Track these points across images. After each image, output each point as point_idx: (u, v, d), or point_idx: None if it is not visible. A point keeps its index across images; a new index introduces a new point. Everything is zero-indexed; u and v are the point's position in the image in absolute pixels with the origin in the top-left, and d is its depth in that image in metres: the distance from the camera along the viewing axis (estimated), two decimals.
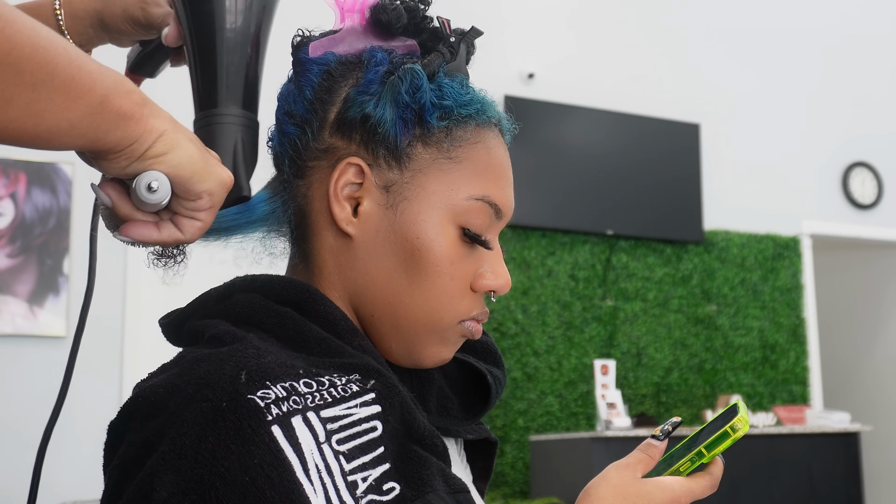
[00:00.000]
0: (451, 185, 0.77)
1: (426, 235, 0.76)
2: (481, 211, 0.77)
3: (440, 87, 0.77)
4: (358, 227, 0.77)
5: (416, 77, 0.75)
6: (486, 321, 0.81)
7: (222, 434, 0.62)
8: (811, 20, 6.23)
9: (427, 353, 0.79)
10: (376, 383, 0.69)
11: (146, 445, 0.64)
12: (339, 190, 0.76)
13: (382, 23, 0.78)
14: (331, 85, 0.78)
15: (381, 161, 0.76)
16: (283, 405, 0.63)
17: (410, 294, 0.76)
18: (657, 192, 5.38)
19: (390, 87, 0.76)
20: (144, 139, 0.65)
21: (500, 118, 0.81)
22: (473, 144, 0.78)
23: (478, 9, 5.13)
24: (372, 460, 0.65)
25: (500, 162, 0.79)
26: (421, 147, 0.77)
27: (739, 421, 0.76)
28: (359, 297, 0.78)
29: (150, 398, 0.66)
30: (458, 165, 0.77)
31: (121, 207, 0.71)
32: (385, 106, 0.76)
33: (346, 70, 0.78)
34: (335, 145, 0.77)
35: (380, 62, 0.77)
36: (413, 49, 0.80)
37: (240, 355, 0.67)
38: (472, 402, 0.87)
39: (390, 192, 0.76)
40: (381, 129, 0.76)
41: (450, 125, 0.77)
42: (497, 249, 0.80)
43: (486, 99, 0.80)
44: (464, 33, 0.80)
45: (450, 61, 0.78)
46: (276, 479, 0.61)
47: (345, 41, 0.79)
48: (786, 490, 4.58)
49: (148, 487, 0.62)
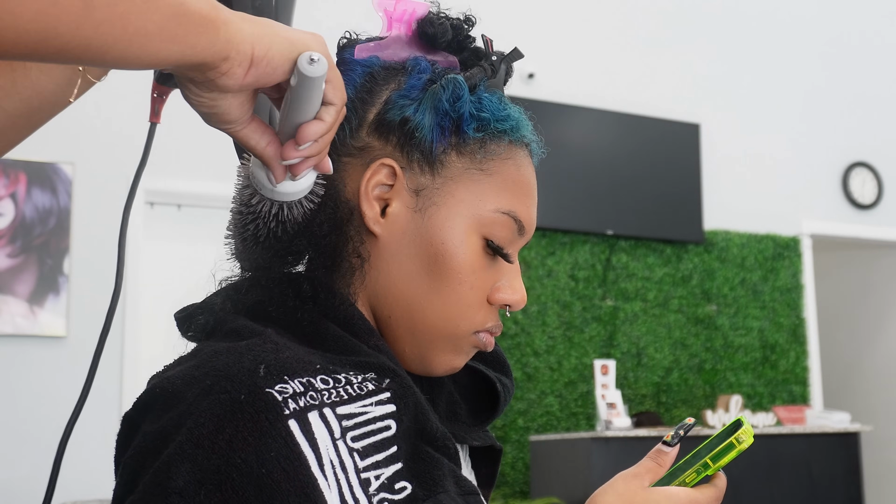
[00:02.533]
0: (479, 195, 0.78)
1: (451, 242, 0.77)
2: (506, 225, 0.79)
3: (480, 100, 0.79)
4: (385, 227, 0.78)
5: (458, 87, 0.77)
6: (499, 335, 0.83)
7: (240, 426, 0.62)
8: (811, 20, 6.23)
9: (439, 360, 0.80)
10: (391, 383, 0.70)
11: (163, 436, 0.64)
12: (370, 189, 0.78)
13: (428, 35, 0.80)
14: (373, 86, 0.79)
15: (414, 165, 0.78)
16: (301, 400, 0.64)
17: (430, 299, 0.78)
18: (657, 192, 5.38)
19: (432, 94, 0.78)
20: (241, 44, 0.62)
21: (531, 140, 0.84)
22: (505, 160, 0.80)
23: (478, 9, 5.12)
24: (385, 459, 0.65)
25: (528, 181, 0.82)
26: (455, 155, 0.78)
27: (744, 433, 0.77)
28: (378, 298, 0.79)
29: (167, 389, 0.66)
30: (489, 178, 0.79)
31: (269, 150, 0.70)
32: (425, 111, 0.77)
33: (389, 74, 0.80)
34: (371, 145, 0.79)
35: (423, 70, 0.79)
36: (454, 64, 0.82)
37: (258, 349, 0.68)
38: (480, 409, 0.88)
39: (420, 197, 0.78)
40: (419, 133, 0.77)
41: (485, 138, 0.79)
42: (516, 265, 0.82)
43: (521, 118, 0.82)
44: (505, 55, 0.82)
45: (490, 77, 0.80)
46: (291, 473, 0.61)
47: (390, 48, 0.81)
48: (786, 490, 4.58)
49: (164, 476, 0.62)
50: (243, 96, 0.68)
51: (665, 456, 0.79)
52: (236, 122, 0.69)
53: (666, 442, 0.80)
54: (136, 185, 0.82)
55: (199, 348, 0.72)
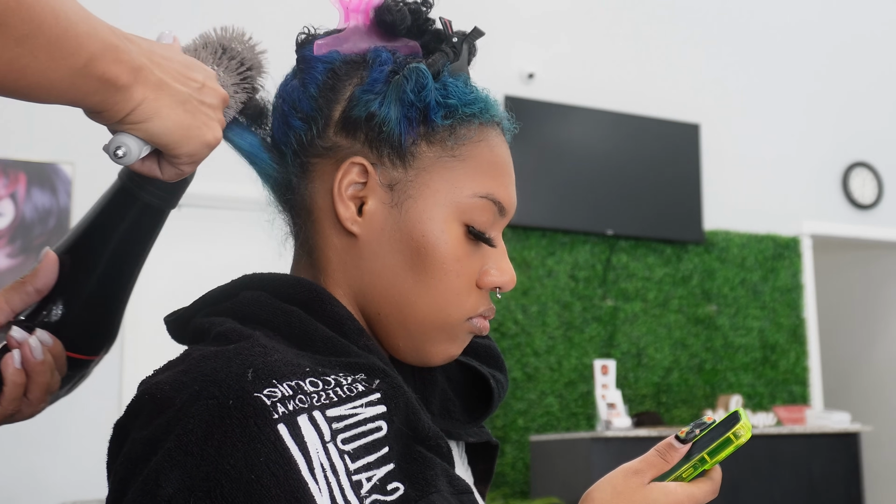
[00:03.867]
0: (455, 182, 0.77)
1: (431, 233, 0.76)
2: (485, 208, 0.78)
3: (445, 86, 0.77)
4: (363, 226, 0.77)
5: (421, 76, 0.76)
6: (492, 317, 0.82)
7: (228, 431, 0.62)
8: (811, 20, 6.22)
9: (435, 351, 0.79)
10: (382, 383, 0.69)
11: (152, 442, 0.64)
12: (343, 189, 0.77)
13: (386, 23, 0.79)
14: (335, 83, 0.78)
15: (385, 160, 0.77)
16: (290, 404, 0.64)
17: (417, 292, 0.77)
18: (657, 192, 5.38)
19: (395, 85, 0.76)
20: (121, 107, 0.65)
21: (502, 117, 0.82)
22: (477, 143, 0.78)
23: (478, 9, 5.13)
24: (376, 460, 0.65)
25: (502, 160, 0.80)
26: (425, 145, 0.77)
27: (742, 428, 0.76)
28: (365, 296, 0.78)
29: (155, 395, 0.66)
30: (462, 163, 0.78)
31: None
32: (390, 105, 0.76)
33: (351, 69, 0.78)
34: (339, 144, 0.78)
35: (385, 61, 0.78)
36: (415, 50, 0.80)
37: (246, 353, 0.67)
38: (475, 406, 0.88)
39: (395, 191, 0.77)
40: (386, 127, 0.76)
41: (454, 124, 0.77)
42: (501, 246, 0.81)
43: (489, 98, 0.81)
44: (466, 34, 0.81)
45: (453, 61, 0.79)
46: (281, 478, 0.61)
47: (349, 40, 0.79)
48: (786, 490, 4.58)
49: (153, 484, 0.62)
50: None
51: (675, 452, 0.78)
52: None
53: (679, 438, 0.78)
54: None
55: (187, 352, 0.71)
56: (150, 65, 0.65)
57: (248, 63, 0.81)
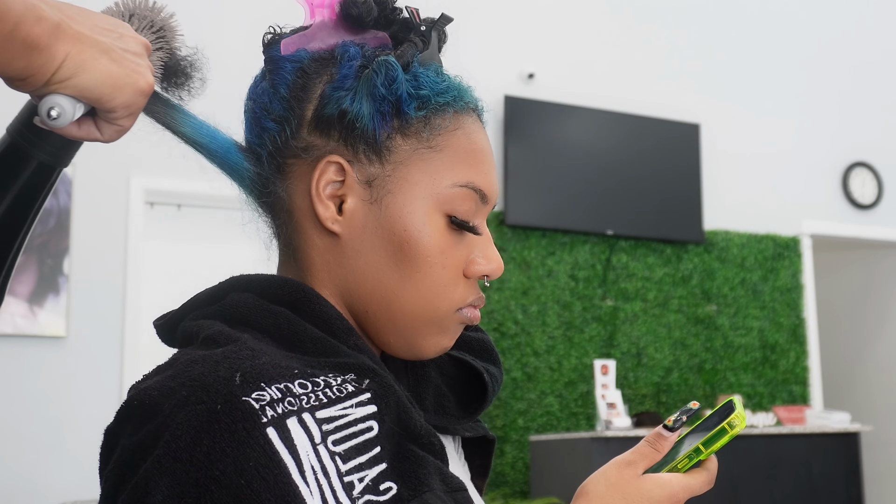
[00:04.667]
0: (433, 174, 0.76)
1: (413, 227, 0.75)
2: (466, 197, 0.77)
3: (416, 77, 0.76)
4: (344, 224, 0.76)
5: (390, 69, 0.75)
6: (482, 306, 0.81)
7: (217, 437, 0.61)
8: (812, 20, 6.22)
9: (427, 344, 0.78)
10: (372, 383, 0.69)
11: (141, 449, 0.63)
12: (321, 189, 0.76)
13: (353, 17, 0.78)
14: (305, 82, 0.77)
15: (361, 156, 0.76)
16: (279, 407, 0.63)
17: (403, 287, 0.76)
18: (657, 192, 5.38)
19: (365, 80, 0.75)
20: (46, 68, 0.62)
21: (476, 103, 0.81)
22: (453, 132, 0.78)
23: (478, 9, 5.13)
24: (368, 460, 0.65)
25: (480, 147, 0.79)
26: (400, 139, 0.76)
27: (736, 418, 0.75)
28: (351, 295, 0.77)
29: (144, 401, 0.65)
30: (439, 154, 0.77)
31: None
32: (361, 100, 0.75)
33: (320, 66, 0.77)
34: (314, 143, 0.77)
35: (353, 57, 0.76)
36: (385, 41, 0.79)
37: (234, 357, 0.66)
38: (469, 400, 0.87)
39: (373, 187, 0.76)
40: (359, 123, 0.75)
41: (428, 114, 0.76)
42: (486, 234, 0.80)
43: (462, 85, 0.80)
44: (434, 21, 0.80)
45: (423, 50, 0.78)
46: (271, 482, 0.60)
47: (316, 37, 0.78)
48: (786, 490, 4.58)
49: (143, 491, 0.61)
50: None
51: (664, 441, 0.78)
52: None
53: (667, 426, 0.78)
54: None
55: (175, 357, 0.70)
56: (66, 20, 0.63)
57: (158, 24, 0.78)
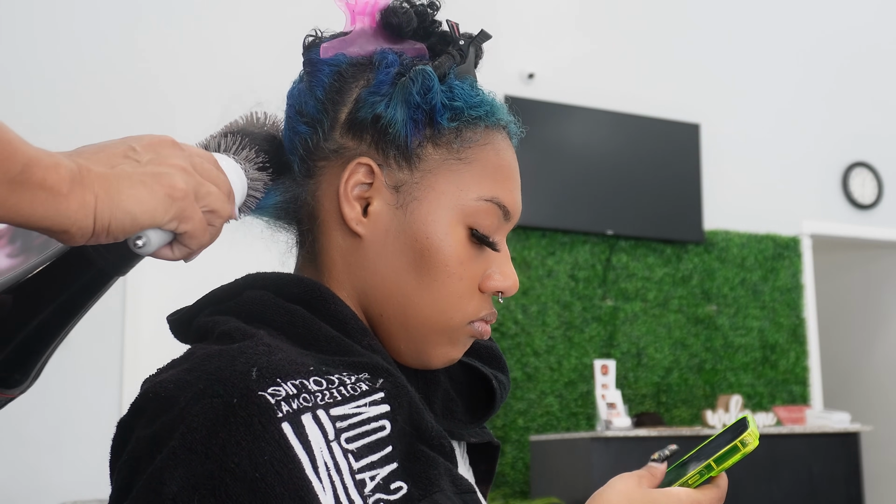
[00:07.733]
0: (460, 185, 0.77)
1: (436, 235, 0.76)
2: (490, 212, 0.78)
3: (451, 89, 0.77)
4: (368, 226, 0.77)
5: (427, 78, 0.76)
6: (494, 322, 0.82)
7: (233, 430, 0.62)
8: (811, 20, 6.23)
9: (436, 354, 0.79)
10: (385, 382, 0.70)
11: (156, 441, 0.64)
12: (349, 190, 0.77)
13: (393, 26, 0.79)
14: (342, 86, 0.78)
15: (391, 161, 0.77)
16: (294, 402, 0.64)
17: (420, 294, 0.77)
18: (657, 192, 5.38)
19: (401, 87, 0.76)
20: (80, 216, 0.58)
21: (508, 121, 0.82)
22: (483, 146, 0.79)
23: (479, 9, 5.13)
24: (380, 459, 0.65)
25: (508, 164, 0.80)
26: (431, 148, 0.77)
27: (749, 436, 0.76)
28: (368, 297, 0.78)
29: (160, 394, 0.66)
30: (468, 166, 0.78)
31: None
32: (396, 106, 0.76)
33: (357, 71, 0.79)
34: (346, 145, 0.78)
35: (391, 63, 0.78)
36: (422, 52, 0.80)
37: (251, 352, 0.67)
38: (476, 406, 0.88)
39: (400, 193, 0.77)
40: (392, 129, 0.76)
41: (460, 126, 0.78)
42: (505, 251, 0.81)
43: (495, 101, 0.81)
44: (472, 37, 0.81)
45: (459, 64, 0.79)
46: (285, 476, 0.61)
47: (355, 43, 0.80)
48: (786, 490, 4.58)
49: (158, 482, 0.62)
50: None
51: (656, 470, 0.80)
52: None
53: (654, 460, 0.81)
54: None
55: (191, 351, 0.71)
56: (85, 163, 0.60)
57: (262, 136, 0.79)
